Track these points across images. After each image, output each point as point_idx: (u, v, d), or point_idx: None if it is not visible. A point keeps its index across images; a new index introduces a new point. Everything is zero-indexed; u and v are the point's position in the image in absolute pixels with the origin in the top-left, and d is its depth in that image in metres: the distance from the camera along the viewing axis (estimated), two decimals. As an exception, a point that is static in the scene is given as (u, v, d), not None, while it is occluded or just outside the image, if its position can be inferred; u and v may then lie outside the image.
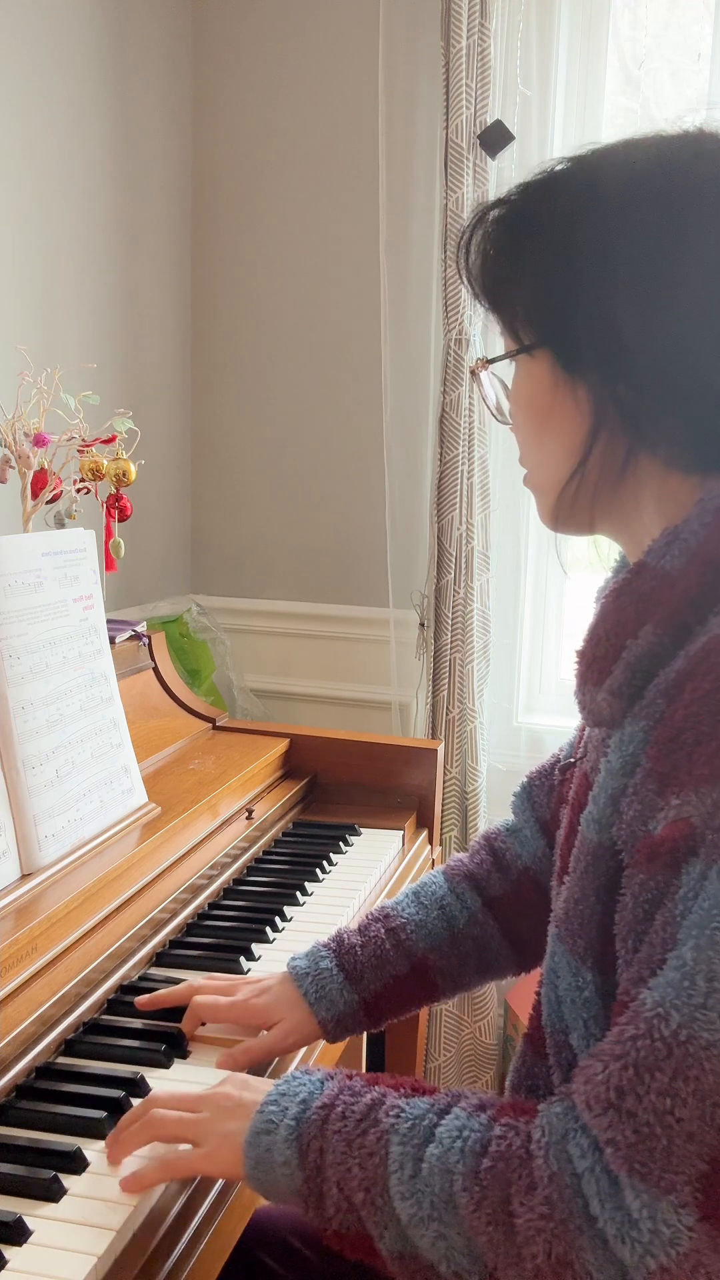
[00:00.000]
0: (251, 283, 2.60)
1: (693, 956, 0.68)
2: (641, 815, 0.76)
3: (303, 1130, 0.79)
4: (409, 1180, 0.74)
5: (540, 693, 2.50)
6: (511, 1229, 0.70)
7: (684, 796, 0.72)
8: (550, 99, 2.25)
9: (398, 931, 1.11)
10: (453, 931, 1.12)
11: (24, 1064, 0.99)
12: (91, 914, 1.17)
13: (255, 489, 2.67)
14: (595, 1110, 0.70)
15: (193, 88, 2.57)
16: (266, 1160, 0.80)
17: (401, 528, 2.48)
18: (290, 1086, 0.83)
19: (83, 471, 1.59)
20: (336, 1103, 0.80)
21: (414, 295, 2.42)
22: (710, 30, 2.20)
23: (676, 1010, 0.68)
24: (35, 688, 1.23)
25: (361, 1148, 0.77)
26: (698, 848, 0.70)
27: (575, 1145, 0.70)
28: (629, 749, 0.79)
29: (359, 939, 1.10)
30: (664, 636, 0.79)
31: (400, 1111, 0.78)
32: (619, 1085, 0.69)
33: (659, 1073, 0.67)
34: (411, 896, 1.15)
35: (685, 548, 0.80)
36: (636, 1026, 0.69)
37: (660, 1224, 0.66)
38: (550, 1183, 0.70)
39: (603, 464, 0.84)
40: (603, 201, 0.81)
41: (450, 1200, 0.73)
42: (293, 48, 2.48)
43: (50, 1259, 0.79)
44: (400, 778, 1.78)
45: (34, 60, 2.06)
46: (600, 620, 0.83)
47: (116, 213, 2.35)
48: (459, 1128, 0.75)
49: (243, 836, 1.54)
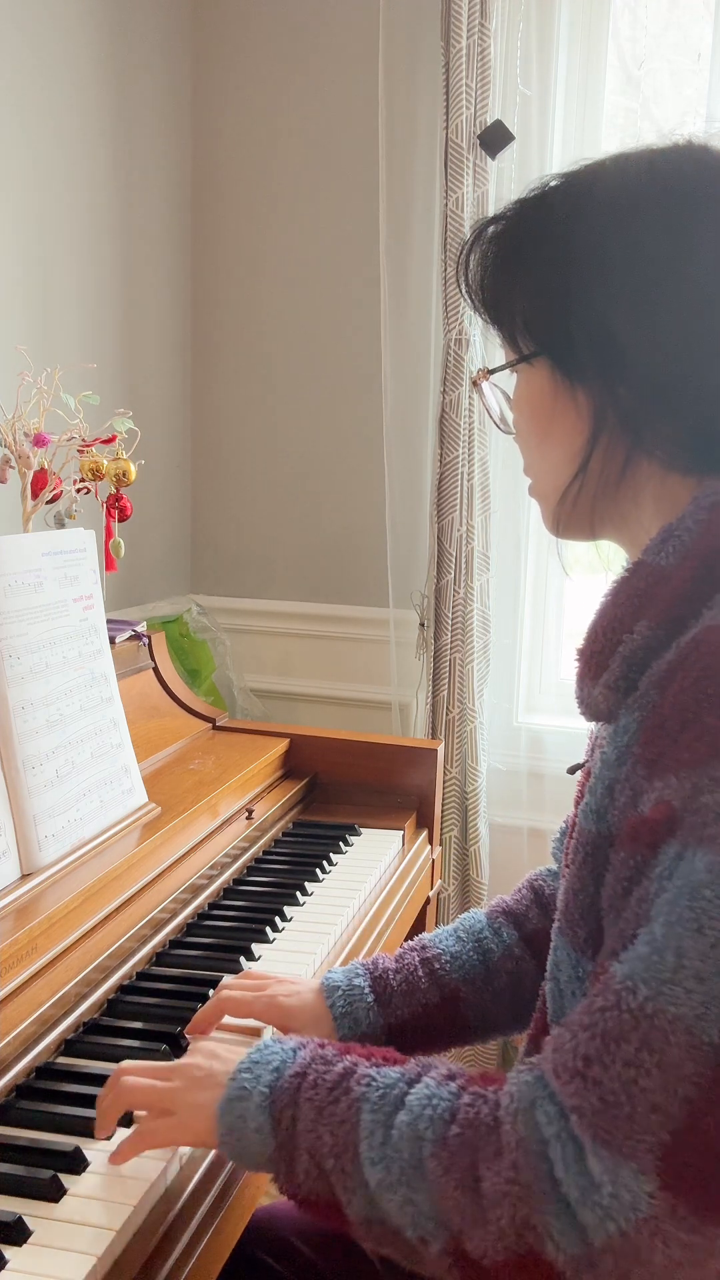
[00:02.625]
0: (251, 283, 2.60)
1: (662, 932, 0.70)
2: (632, 800, 0.78)
3: (275, 1098, 0.81)
4: (379, 1147, 0.76)
5: (540, 693, 2.50)
6: (478, 1193, 0.72)
7: (666, 780, 0.74)
8: (550, 99, 2.25)
9: (432, 961, 1.10)
10: (487, 965, 1.11)
11: (24, 1064, 0.99)
12: (91, 914, 1.17)
13: (255, 489, 2.67)
14: (563, 1078, 0.72)
15: (193, 88, 2.57)
16: (240, 1127, 0.82)
17: (401, 528, 2.48)
18: (263, 1055, 0.85)
19: (83, 471, 1.59)
20: (309, 1071, 0.82)
21: (414, 295, 2.42)
22: (710, 30, 2.20)
23: (644, 984, 0.69)
24: (35, 688, 1.23)
25: (333, 1115, 0.79)
26: (676, 829, 0.72)
27: (542, 1112, 0.72)
28: (623, 740, 0.81)
29: (393, 964, 1.10)
30: (658, 630, 0.80)
31: (371, 1080, 0.80)
32: (586, 1054, 0.71)
33: (625, 1043, 0.69)
34: (450, 931, 1.15)
35: (680, 544, 0.82)
36: (605, 998, 0.71)
37: (621, 1189, 0.68)
38: (517, 1148, 0.72)
39: (603, 468, 0.86)
40: (597, 211, 0.83)
41: (419, 1166, 0.74)
42: (293, 48, 2.48)
43: (50, 1259, 0.79)
44: (400, 778, 1.78)
45: (34, 61, 2.06)
46: (599, 617, 0.85)
47: (116, 213, 2.35)
48: (428, 1096, 0.77)
49: (243, 836, 1.54)
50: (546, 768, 2.40)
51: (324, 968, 1.28)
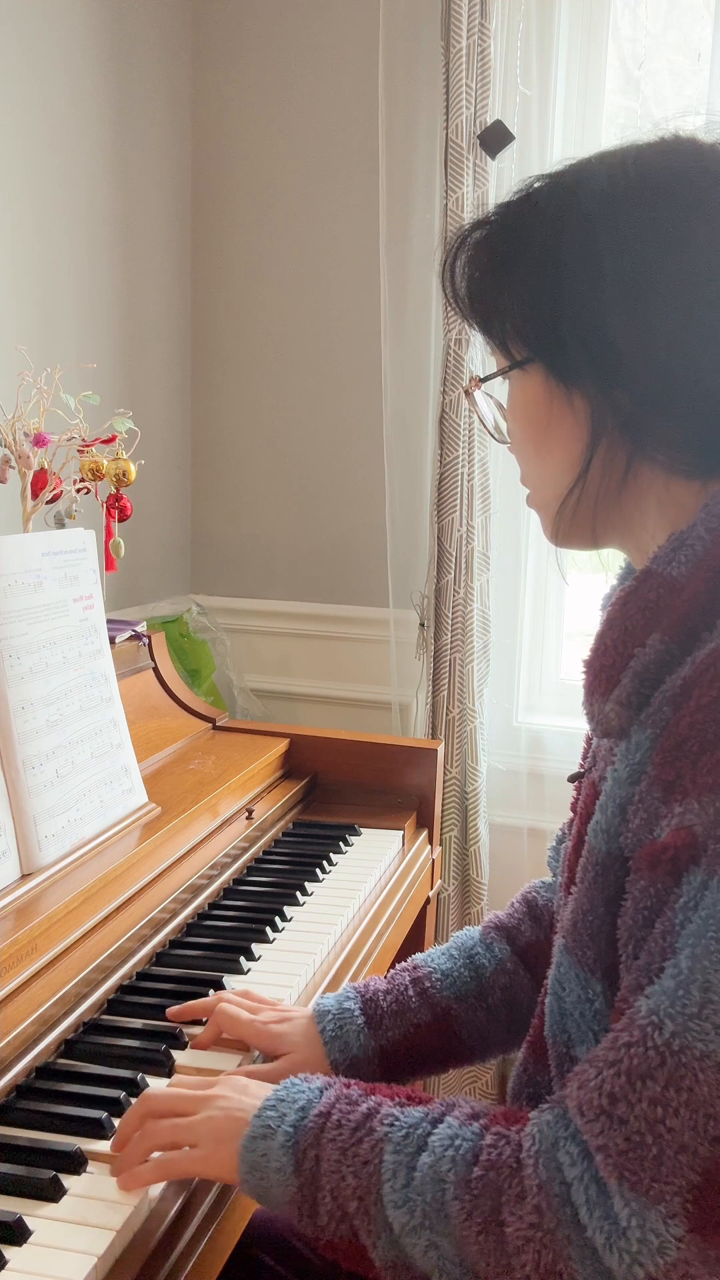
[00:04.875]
0: (252, 283, 2.60)
1: (688, 966, 0.68)
2: (647, 823, 0.76)
3: (299, 1138, 0.79)
4: (401, 1189, 0.75)
5: (540, 693, 2.50)
6: (502, 1238, 0.70)
7: (686, 804, 0.72)
8: (550, 99, 2.25)
9: (423, 980, 1.09)
10: (480, 982, 1.10)
11: (24, 1064, 0.99)
12: (91, 914, 1.17)
13: (255, 489, 2.67)
14: (588, 1116, 0.70)
15: (193, 88, 2.57)
16: (262, 1166, 0.80)
17: (401, 528, 2.48)
18: (289, 1093, 0.84)
19: (83, 471, 1.59)
20: (333, 1111, 0.80)
21: (414, 295, 2.42)
22: (710, 30, 2.20)
23: (670, 1019, 0.68)
24: (35, 688, 1.23)
25: (356, 1156, 0.77)
26: (699, 857, 0.70)
27: (565, 1154, 0.70)
28: (636, 757, 0.79)
29: (384, 985, 1.09)
30: (671, 644, 0.78)
31: (395, 1120, 0.78)
32: (611, 1091, 0.69)
33: (651, 1081, 0.67)
34: (443, 950, 1.13)
35: (691, 554, 0.79)
36: (631, 1034, 0.69)
37: (649, 1233, 0.66)
38: (540, 1191, 0.70)
39: (603, 473, 0.84)
40: (583, 210, 0.81)
41: (442, 1209, 0.73)
42: (293, 47, 2.48)
43: (50, 1259, 0.79)
44: (400, 778, 1.78)
45: (34, 61, 2.06)
46: (607, 629, 0.82)
47: (116, 213, 2.35)
48: (451, 1136, 0.75)
49: (243, 836, 1.54)
50: (546, 768, 2.40)
51: (323, 968, 1.28)
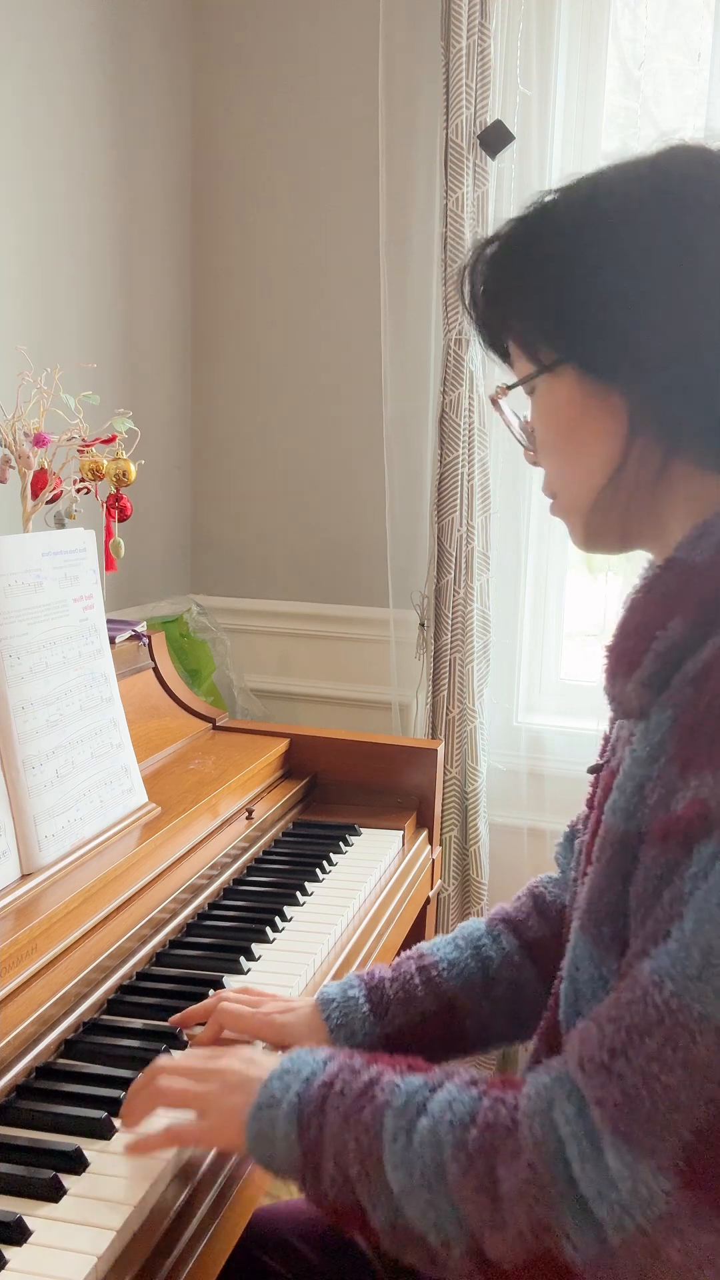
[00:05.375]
0: (252, 282, 2.60)
1: (692, 929, 0.70)
2: (664, 799, 0.77)
3: (304, 1107, 0.82)
4: (401, 1152, 0.77)
5: (540, 693, 2.50)
6: (496, 1195, 0.73)
7: (701, 778, 0.73)
8: (550, 99, 2.25)
9: (429, 969, 1.09)
10: (486, 973, 1.10)
11: (24, 1064, 0.99)
12: (91, 914, 1.17)
13: (255, 489, 2.67)
14: (588, 1070, 0.72)
15: (193, 88, 2.57)
16: (268, 1134, 0.83)
17: (401, 528, 2.48)
18: (294, 1064, 0.86)
19: (83, 471, 1.59)
20: (336, 1080, 0.83)
21: (414, 295, 2.42)
22: (710, 30, 2.20)
23: (671, 980, 0.70)
24: (35, 688, 1.23)
25: (358, 1123, 0.80)
26: (711, 829, 0.71)
27: (560, 1112, 0.72)
28: (656, 737, 0.80)
29: (389, 973, 1.09)
30: (693, 627, 0.80)
31: (395, 1087, 0.81)
32: (611, 1047, 0.71)
33: (649, 1038, 0.69)
34: (449, 940, 1.14)
35: (714, 541, 0.81)
36: (633, 992, 0.71)
37: (639, 1185, 0.68)
38: (534, 1148, 0.72)
39: (639, 471, 0.85)
40: (605, 212, 0.83)
41: (440, 1169, 0.75)
42: (293, 48, 2.48)
43: (50, 1259, 0.79)
44: (400, 778, 1.78)
45: (34, 60, 2.06)
46: (630, 614, 0.84)
47: (116, 213, 2.35)
48: (449, 1101, 0.78)
49: (243, 836, 1.54)
50: (546, 768, 2.40)
51: (324, 968, 1.28)
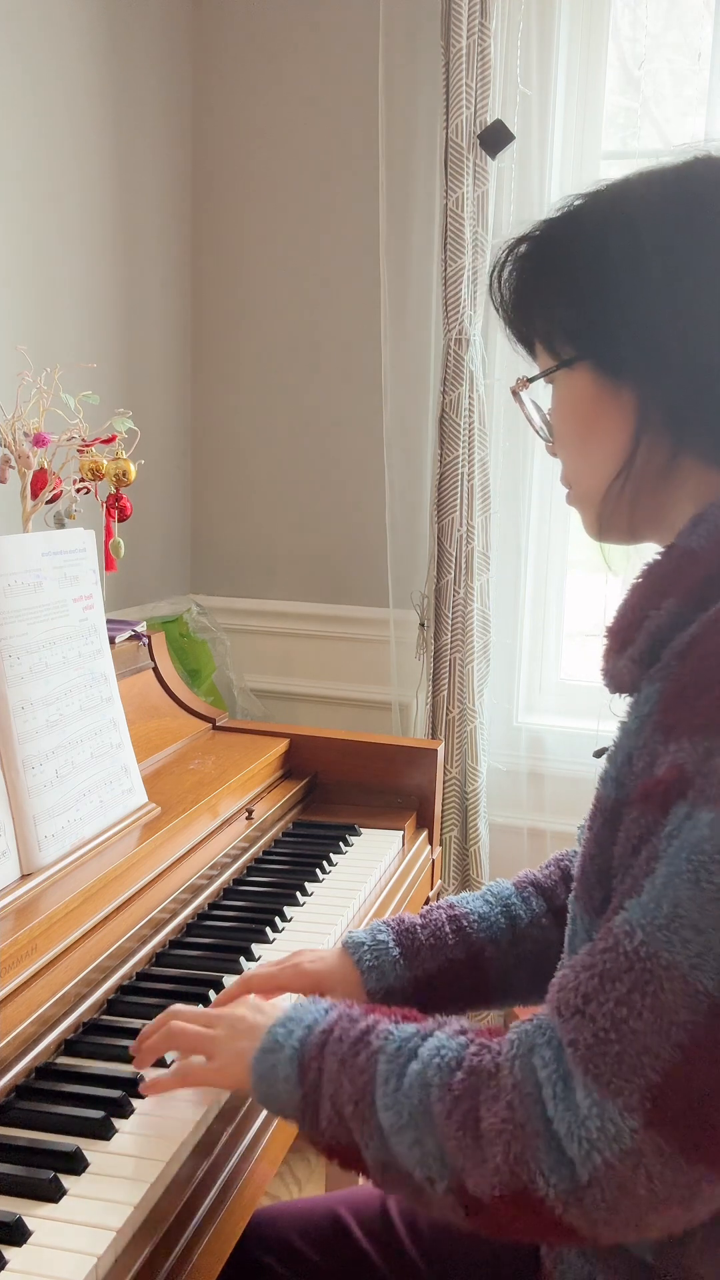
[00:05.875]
0: (251, 283, 2.60)
1: (662, 882, 0.74)
2: (648, 765, 0.80)
3: (305, 1051, 0.87)
4: (392, 1093, 0.82)
5: (540, 693, 2.50)
6: (478, 1133, 0.77)
7: (680, 743, 0.77)
8: (550, 99, 2.25)
9: (460, 919, 1.12)
10: (515, 929, 1.13)
11: (24, 1064, 0.99)
12: (91, 914, 1.17)
13: (255, 489, 2.67)
14: (564, 1015, 0.76)
15: (192, 87, 2.57)
16: (271, 1076, 0.88)
17: (401, 528, 2.48)
18: (298, 1012, 0.91)
19: (83, 471, 1.59)
20: (335, 1028, 0.88)
21: (414, 295, 2.42)
22: (710, 30, 2.20)
23: (641, 929, 0.74)
24: (35, 688, 1.23)
25: (353, 1066, 0.85)
26: (687, 790, 0.75)
27: (539, 1057, 0.76)
28: (644, 709, 0.83)
29: (420, 920, 1.12)
30: (684, 608, 0.84)
31: (389, 1034, 0.85)
32: (585, 991, 0.75)
33: (618, 983, 0.73)
34: (478, 895, 1.17)
35: (710, 528, 0.84)
36: (607, 941, 0.76)
37: (607, 1122, 0.72)
38: (514, 1089, 0.76)
39: (646, 465, 0.89)
40: (627, 217, 0.87)
41: (426, 1109, 0.80)
42: (293, 47, 2.49)
43: (50, 1259, 0.79)
44: (400, 778, 1.78)
45: (33, 60, 2.06)
46: (629, 596, 0.88)
47: (116, 213, 2.35)
48: (438, 1047, 0.82)
49: (243, 837, 1.54)
50: (546, 768, 2.40)
51: (324, 968, 1.28)
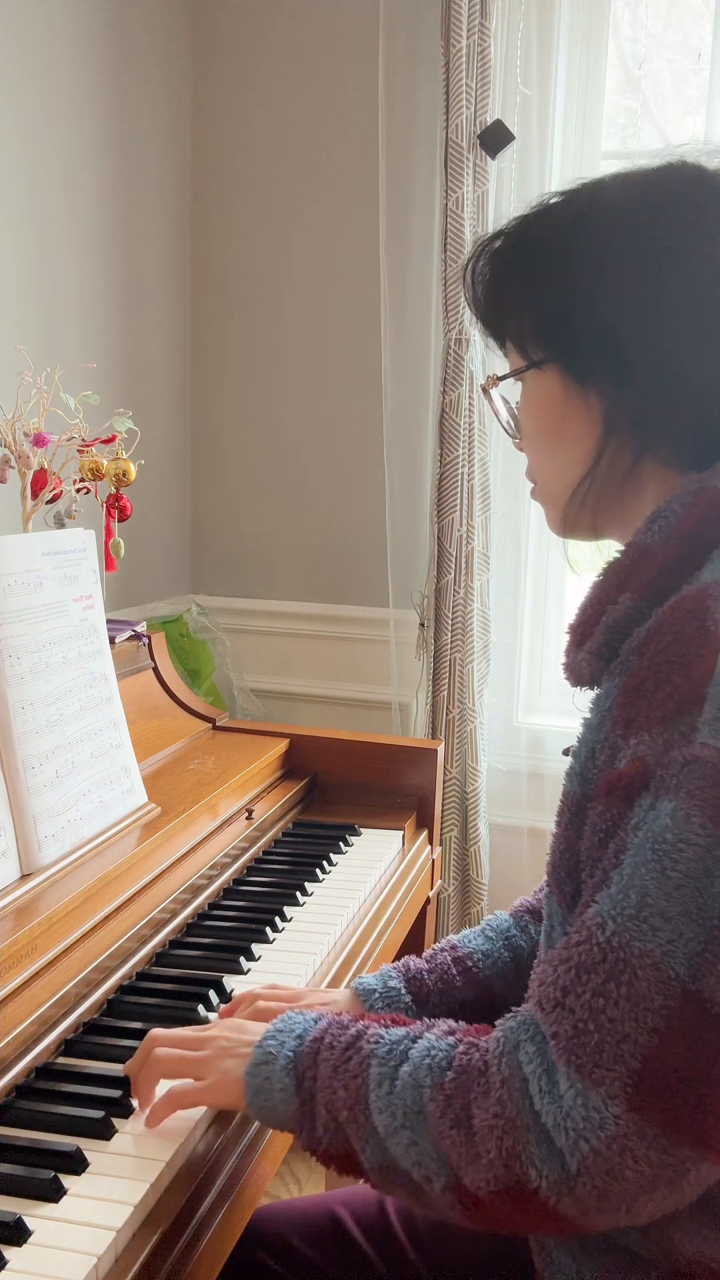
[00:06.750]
0: (252, 283, 2.60)
1: (629, 873, 0.76)
2: (610, 759, 0.82)
3: (299, 1061, 0.88)
4: (385, 1096, 0.83)
5: (540, 693, 2.50)
6: (471, 1130, 0.78)
7: (640, 736, 0.79)
8: (550, 99, 2.25)
9: (464, 960, 1.13)
10: (519, 961, 1.14)
11: (24, 1064, 0.99)
12: (91, 914, 1.17)
13: (255, 489, 2.67)
14: (546, 1008, 0.78)
15: (192, 88, 2.57)
16: (266, 1088, 0.88)
17: (401, 528, 2.48)
18: (286, 1023, 0.92)
19: (83, 471, 1.59)
20: (326, 1035, 0.89)
21: (414, 295, 2.42)
22: (710, 30, 2.20)
23: (612, 920, 0.75)
24: (35, 688, 1.23)
25: (346, 1072, 0.85)
26: (649, 783, 0.77)
27: (524, 1053, 0.78)
28: (605, 705, 0.85)
29: (425, 965, 1.13)
30: (640, 602, 0.85)
31: (380, 1039, 0.87)
32: (564, 985, 0.77)
33: (594, 974, 0.75)
34: (478, 932, 1.18)
35: (665, 524, 0.86)
36: (580, 934, 0.78)
37: (591, 1110, 0.73)
38: (502, 1086, 0.78)
39: (611, 468, 0.90)
40: (599, 221, 0.88)
41: (420, 1110, 0.81)
42: (293, 48, 2.48)
43: (50, 1259, 0.79)
44: (400, 778, 1.78)
45: (33, 60, 2.06)
46: (589, 593, 0.90)
47: (116, 213, 2.35)
48: (428, 1049, 0.84)
49: (243, 837, 1.54)
50: (546, 768, 2.40)
51: (324, 968, 1.28)
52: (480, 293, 0.95)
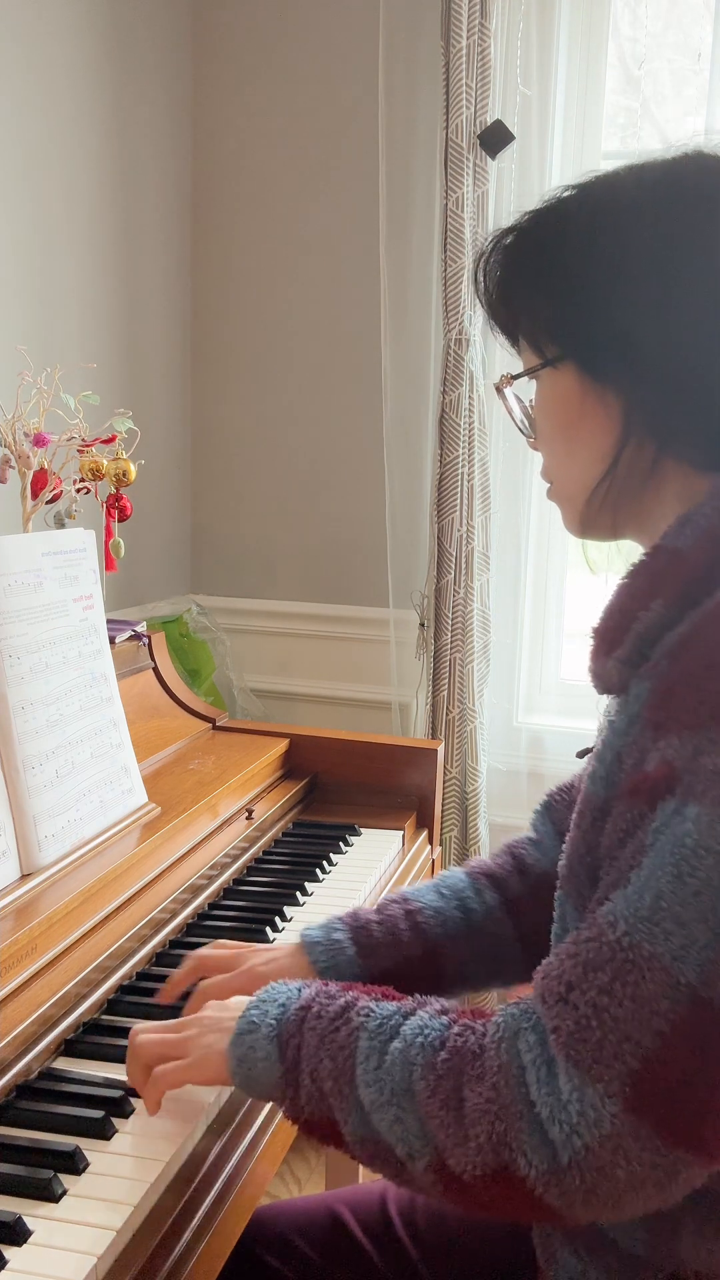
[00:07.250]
0: (252, 283, 2.60)
1: (646, 875, 0.75)
2: (637, 762, 0.81)
3: (283, 1028, 0.88)
4: (374, 1070, 0.82)
5: (540, 693, 2.50)
6: (461, 1112, 0.78)
7: (669, 740, 0.78)
8: (550, 99, 2.25)
9: (414, 915, 1.12)
10: (469, 924, 1.13)
11: (24, 1064, 0.99)
12: (91, 914, 1.17)
13: (255, 489, 2.67)
14: (548, 1001, 0.77)
15: (193, 87, 2.57)
16: (250, 1057, 0.88)
17: (401, 528, 2.48)
18: (270, 994, 0.92)
19: (83, 471, 1.59)
20: (313, 1004, 0.88)
21: (414, 295, 2.42)
22: (710, 30, 2.20)
23: (624, 920, 0.75)
24: (35, 688, 1.23)
25: (333, 1042, 0.85)
26: (675, 787, 0.76)
27: (524, 1041, 0.78)
28: (634, 708, 0.83)
29: (375, 916, 1.11)
30: (672, 608, 0.84)
31: (370, 1011, 0.86)
32: (569, 980, 0.76)
33: (600, 972, 0.75)
34: (431, 887, 1.16)
35: (697, 528, 0.84)
36: (591, 930, 0.77)
37: (587, 1107, 0.73)
38: (498, 1072, 0.78)
39: (630, 467, 0.88)
40: (614, 216, 0.86)
41: (409, 1087, 0.80)
42: (292, 47, 2.48)
43: (50, 1259, 0.79)
44: (400, 778, 1.78)
45: (33, 61, 2.06)
46: (616, 597, 0.88)
47: (116, 213, 2.35)
48: (421, 1026, 0.83)
49: (243, 837, 1.54)
50: (546, 768, 2.40)
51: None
52: (492, 289, 0.93)
